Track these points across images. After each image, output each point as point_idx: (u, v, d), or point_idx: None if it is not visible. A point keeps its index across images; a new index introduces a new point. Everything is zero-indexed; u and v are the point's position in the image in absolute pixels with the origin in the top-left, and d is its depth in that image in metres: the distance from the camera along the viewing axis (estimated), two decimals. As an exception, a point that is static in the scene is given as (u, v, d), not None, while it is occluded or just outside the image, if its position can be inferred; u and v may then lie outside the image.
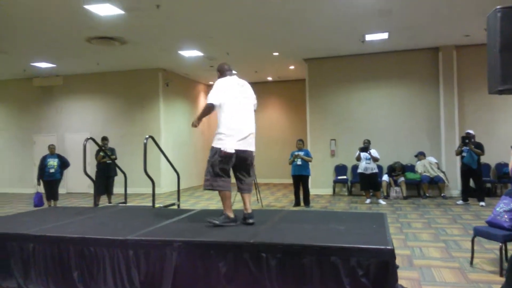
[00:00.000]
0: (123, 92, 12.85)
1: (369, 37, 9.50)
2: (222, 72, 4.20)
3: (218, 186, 3.87)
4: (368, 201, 9.53)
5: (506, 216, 4.21)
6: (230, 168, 3.92)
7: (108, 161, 9.10)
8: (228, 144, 3.79)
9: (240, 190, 4.02)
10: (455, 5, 7.50)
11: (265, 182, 14.60)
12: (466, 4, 7.39)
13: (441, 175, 10.11)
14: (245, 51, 10.65)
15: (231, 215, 3.87)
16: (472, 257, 4.58)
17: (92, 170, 9.50)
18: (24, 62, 11.34)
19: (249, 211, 3.91)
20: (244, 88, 4.03)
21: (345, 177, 11.15)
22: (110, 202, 9.04)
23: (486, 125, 10.25)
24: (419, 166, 10.28)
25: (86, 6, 7.03)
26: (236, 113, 3.86)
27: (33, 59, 11.03)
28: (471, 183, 9.00)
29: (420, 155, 10.35)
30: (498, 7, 2.92)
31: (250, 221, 3.85)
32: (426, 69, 10.81)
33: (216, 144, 3.86)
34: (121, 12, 7.33)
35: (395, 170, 10.38)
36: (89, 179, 6.71)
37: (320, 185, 11.40)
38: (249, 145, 3.91)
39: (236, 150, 3.83)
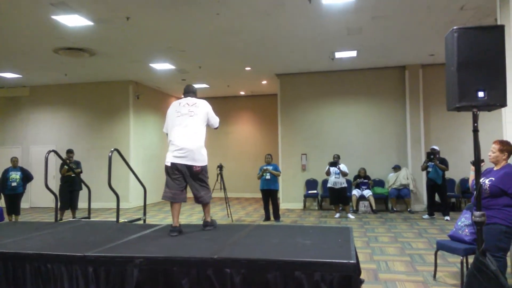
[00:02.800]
0: (92, 104, 12.61)
1: (338, 55, 9.72)
2: (183, 94, 4.43)
3: (165, 197, 4.24)
4: (337, 215, 9.62)
5: (467, 230, 4.32)
6: (176, 181, 4.18)
7: (72, 175, 8.83)
8: (167, 157, 4.16)
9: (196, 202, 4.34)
10: (421, 26, 7.80)
11: (236, 196, 14.54)
12: (431, 25, 7.70)
13: (411, 183, 10.30)
14: (218, 65, 10.68)
15: (174, 224, 4.07)
16: (435, 271, 4.66)
17: (57, 183, 9.22)
18: (-12, 72, 10.99)
19: (207, 219, 4.26)
20: (194, 108, 4.14)
21: (315, 191, 11.24)
22: (74, 217, 8.75)
23: (450, 141, 10.60)
24: (391, 178, 10.46)
25: (54, 17, 6.90)
26: (175, 129, 4.10)
27: (-2, 68, 10.70)
28: (437, 197, 9.24)
29: (396, 168, 10.55)
30: (455, 27, 3.04)
31: (207, 228, 4.19)
32: (394, 87, 11.13)
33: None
34: (90, 23, 7.23)
35: (360, 175, 10.52)
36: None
37: (291, 199, 11.44)
38: (190, 161, 4.06)
39: (172, 164, 4.10)
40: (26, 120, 13.17)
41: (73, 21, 7.11)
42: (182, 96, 4.41)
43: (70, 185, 8.98)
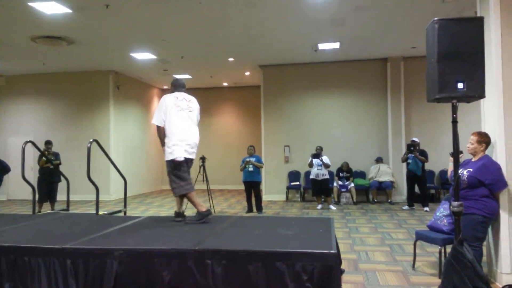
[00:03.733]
0: (71, 94, 12.34)
1: (321, 46, 9.72)
2: (173, 88, 4.44)
3: (183, 189, 4.22)
4: (319, 206, 9.69)
5: (445, 221, 4.40)
6: (185, 173, 4.26)
7: (51, 166, 8.65)
8: (178, 152, 4.13)
9: None
10: (403, 18, 7.85)
11: (219, 188, 14.51)
12: (413, 17, 7.76)
13: (391, 178, 10.44)
14: (200, 56, 10.57)
15: (200, 210, 4.19)
16: (414, 261, 4.74)
17: (35, 175, 9.02)
18: (-39, 60, 10.63)
19: (201, 209, 4.24)
20: (191, 103, 4.26)
21: (298, 183, 11.29)
22: (52, 209, 8.59)
23: (430, 133, 10.76)
24: (373, 170, 10.58)
25: (31, 4, 6.70)
26: (180, 123, 4.17)
27: (-28, 57, 10.36)
28: (416, 189, 9.39)
29: (378, 160, 10.66)
30: (436, 18, 3.05)
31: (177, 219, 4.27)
32: (376, 79, 11.21)
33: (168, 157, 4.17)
34: (68, 10, 7.04)
35: (342, 169, 10.61)
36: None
37: (274, 191, 11.47)
38: (194, 155, 4.27)
39: (186, 159, 4.17)
40: (3, 110, 12.82)
41: (50, 8, 6.92)
42: (170, 88, 4.47)
43: (49, 177, 8.80)
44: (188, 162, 4.20)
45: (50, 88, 12.52)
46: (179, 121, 4.10)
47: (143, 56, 10.31)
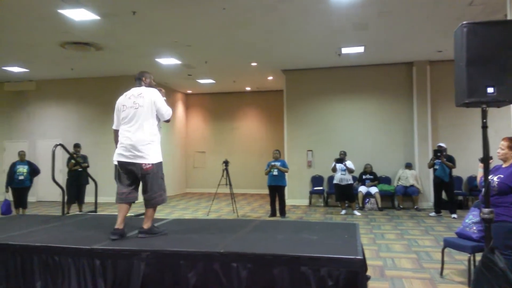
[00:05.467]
0: (98, 99, 12.63)
1: (345, 50, 9.66)
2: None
3: (116, 198, 3.84)
4: (343, 212, 9.59)
5: (474, 228, 4.30)
6: (123, 179, 3.80)
7: (79, 169, 8.88)
8: (114, 155, 3.78)
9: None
10: (428, 22, 7.73)
11: (242, 192, 14.55)
12: (439, 20, 7.63)
13: (417, 185, 10.26)
14: (224, 61, 10.66)
15: (117, 225, 3.68)
16: (442, 268, 4.64)
17: (64, 177, 9.27)
18: (-5, 66, 11.05)
19: (144, 226, 3.73)
20: (140, 99, 3.71)
21: (321, 188, 11.21)
22: (80, 211, 8.81)
23: (458, 138, 10.52)
24: (402, 174, 10.42)
25: (61, 11, 6.91)
26: (120, 125, 3.79)
27: (5, 63, 10.74)
28: (444, 195, 9.19)
29: (408, 166, 10.51)
30: (464, 22, 3.00)
31: (140, 235, 3.69)
32: (401, 83, 11.05)
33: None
34: (96, 17, 7.24)
35: (366, 172, 10.48)
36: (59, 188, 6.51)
37: (297, 195, 11.43)
38: (133, 158, 3.66)
39: (118, 162, 3.73)
40: (33, 114, 13.24)
41: (79, 15, 7.12)
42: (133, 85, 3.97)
43: (77, 179, 9.03)
44: (125, 166, 3.70)
45: (78, 93, 12.86)
46: (122, 122, 3.76)
47: (168, 61, 10.48)
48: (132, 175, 3.75)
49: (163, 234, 3.75)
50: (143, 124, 3.66)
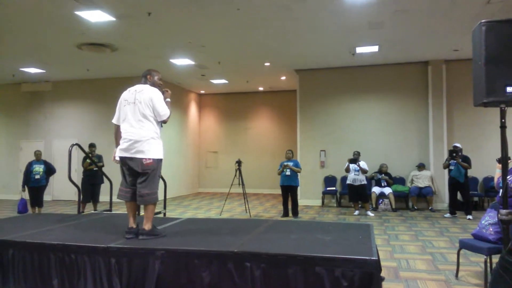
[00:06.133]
0: (113, 99, 12.50)
1: (359, 50, 9.59)
2: None
3: (119, 195, 3.83)
4: (356, 212, 9.53)
5: (491, 229, 4.23)
6: (126, 176, 3.77)
7: (94, 168, 8.98)
8: (116, 152, 3.76)
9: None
10: (444, 20, 7.63)
11: (254, 192, 14.55)
12: (455, 19, 7.52)
13: (432, 186, 10.14)
14: (237, 61, 10.68)
15: (130, 224, 3.72)
16: (457, 270, 4.58)
17: (79, 177, 9.39)
18: (13, 67, 11.24)
19: (145, 226, 3.63)
20: (139, 94, 3.70)
21: (334, 188, 11.15)
22: (95, 210, 8.91)
23: (474, 139, 10.36)
24: (414, 176, 10.32)
25: (77, 12, 7.00)
26: (122, 120, 3.76)
27: (22, 64, 10.94)
28: (459, 196, 9.06)
29: (421, 166, 10.38)
30: (483, 21, 2.96)
31: (140, 237, 3.58)
32: (416, 83, 10.93)
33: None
34: (112, 19, 7.32)
35: (381, 171, 10.39)
36: (75, 187, 6.60)
37: (310, 196, 11.39)
38: (133, 153, 3.61)
39: (120, 158, 3.72)
40: (49, 114, 13.44)
41: (95, 16, 7.21)
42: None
43: (92, 178, 9.14)
44: (126, 162, 3.67)
45: (93, 93, 13.02)
46: (124, 117, 3.72)
47: (182, 62, 10.54)
48: (133, 172, 3.69)
49: (163, 236, 3.67)
50: (143, 119, 3.64)
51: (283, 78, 12.89)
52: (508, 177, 3.59)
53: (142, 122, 3.64)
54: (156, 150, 3.66)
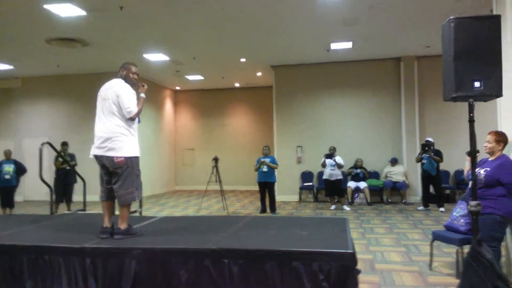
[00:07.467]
0: (85, 96, 12.43)
1: (334, 46, 9.69)
2: None
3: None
4: (333, 207, 9.66)
5: (462, 221, 4.36)
6: (102, 175, 3.72)
7: (67, 167, 8.78)
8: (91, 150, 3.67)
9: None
10: (417, 17, 7.79)
11: (231, 189, 14.53)
12: (428, 16, 7.70)
13: (405, 180, 10.36)
14: (212, 56, 10.62)
15: (105, 224, 3.65)
16: (431, 261, 4.70)
17: (51, 176, 9.15)
18: (-21, 63, 10.85)
19: (120, 226, 3.56)
20: (108, 90, 3.63)
21: (311, 183, 11.26)
22: (69, 210, 8.72)
23: (445, 133, 10.65)
24: (387, 170, 10.51)
25: (46, 6, 6.80)
26: (96, 118, 3.67)
27: (-11, 60, 10.56)
28: (431, 189, 9.30)
29: (393, 162, 10.57)
30: (452, 17, 3.03)
31: (116, 237, 3.52)
32: (389, 79, 11.14)
33: None
34: (83, 13, 7.14)
35: (357, 166, 10.55)
36: (47, 186, 6.43)
37: (287, 191, 11.46)
38: (105, 150, 3.53)
39: (93, 156, 3.65)
40: (19, 112, 13.03)
41: (65, 10, 7.01)
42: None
43: (65, 178, 8.94)
44: (99, 160, 3.61)
45: (64, 90, 12.69)
46: (97, 114, 3.64)
47: (156, 57, 10.40)
48: (107, 171, 3.62)
49: (140, 235, 3.61)
50: (112, 116, 3.54)
51: (259, 74, 12.90)
52: (476, 170, 3.70)
53: (111, 119, 3.54)
54: (127, 148, 3.54)
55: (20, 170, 8.67)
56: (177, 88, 15.36)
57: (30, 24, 7.76)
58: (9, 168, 8.46)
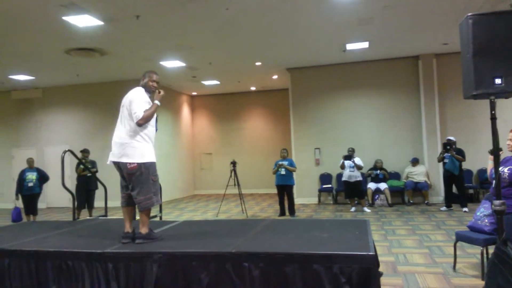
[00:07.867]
0: (104, 104, 12.68)
1: (350, 46, 9.61)
2: None
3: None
4: (353, 209, 9.56)
5: (486, 221, 4.26)
6: (121, 181, 3.77)
7: (88, 174, 8.93)
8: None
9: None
10: (433, 14, 7.67)
11: (250, 192, 14.55)
12: (444, 12, 7.57)
13: (427, 180, 10.19)
14: (228, 61, 10.67)
15: (126, 229, 3.68)
16: (455, 262, 4.61)
17: (73, 183, 9.33)
18: (2, 75, 11.15)
19: (141, 230, 3.61)
20: (125, 98, 3.72)
21: (330, 185, 11.18)
22: (90, 216, 8.87)
23: (467, 131, 10.43)
24: (409, 171, 10.36)
25: (65, 18, 6.95)
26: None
27: (12, 71, 10.84)
28: (454, 189, 9.12)
29: (414, 162, 10.40)
30: (469, 14, 2.97)
31: (137, 241, 3.57)
32: (407, 78, 10.99)
33: None
34: (100, 23, 7.27)
35: (376, 167, 10.43)
36: (69, 193, 6.56)
37: (306, 194, 11.40)
38: (119, 157, 3.60)
39: (111, 162, 3.71)
40: (40, 121, 13.34)
41: (83, 21, 7.16)
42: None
43: (86, 184, 9.10)
44: (116, 166, 3.69)
45: (84, 99, 12.95)
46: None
47: (172, 64, 10.51)
48: (123, 176, 3.68)
49: (160, 239, 3.65)
50: (127, 122, 3.61)
51: (275, 77, 12.90)
52: (500, 168, 3.61)
53: (126, 126, 3.62)
54: (140, 154, 3.56)
55: (43, 178, 8.86)
56: (194, 93, 15.49)
57: (50, 36, 7.95)
58: (32, 176, 8.65)
